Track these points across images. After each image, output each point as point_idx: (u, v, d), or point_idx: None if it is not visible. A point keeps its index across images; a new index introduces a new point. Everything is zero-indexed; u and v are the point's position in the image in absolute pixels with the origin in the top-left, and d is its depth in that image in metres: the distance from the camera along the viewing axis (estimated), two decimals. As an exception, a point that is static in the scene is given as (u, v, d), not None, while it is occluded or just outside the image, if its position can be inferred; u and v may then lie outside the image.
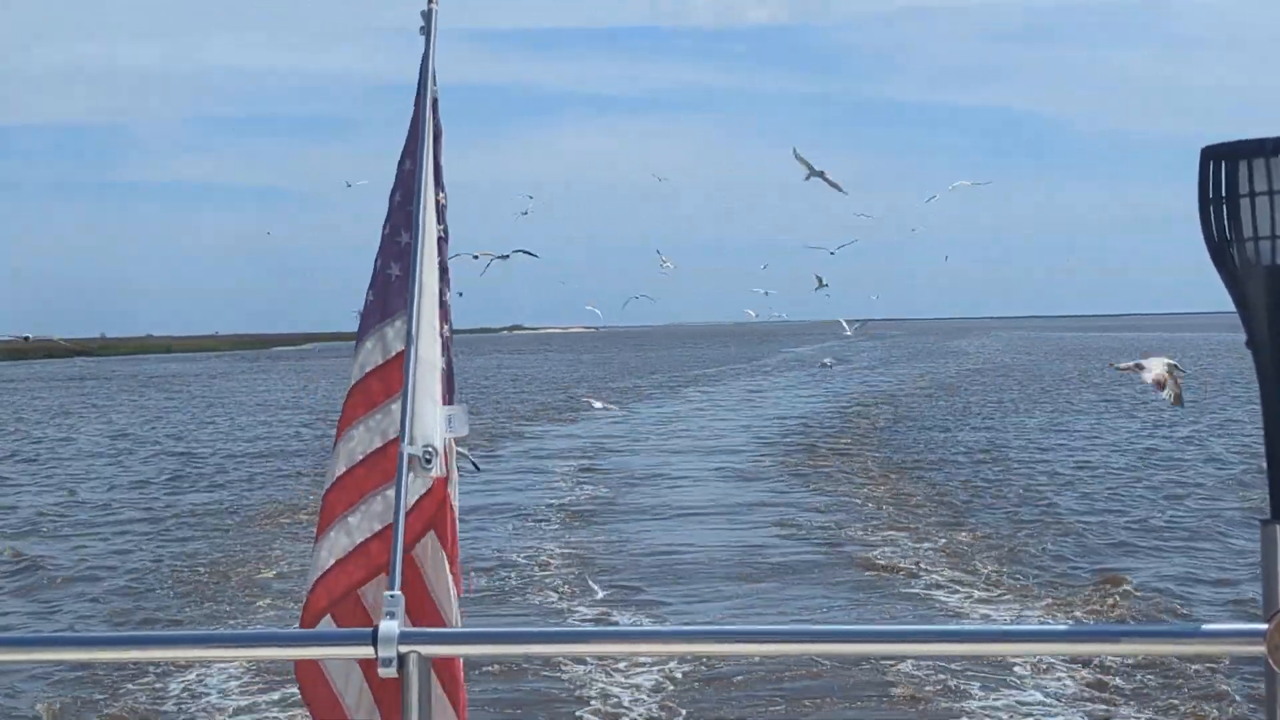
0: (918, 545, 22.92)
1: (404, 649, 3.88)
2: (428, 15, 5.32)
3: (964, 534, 23.98)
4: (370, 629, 3.91)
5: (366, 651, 3.89)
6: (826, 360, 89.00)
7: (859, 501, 28.32)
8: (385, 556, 5.37)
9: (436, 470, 5.18)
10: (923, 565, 21.08)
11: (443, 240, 5.63)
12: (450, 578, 5.59)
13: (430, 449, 5.16)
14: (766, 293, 54.96)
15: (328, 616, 5.34)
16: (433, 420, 5.25)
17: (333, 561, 5.34)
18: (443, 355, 5.54)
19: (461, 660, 5.27)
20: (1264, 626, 3.62)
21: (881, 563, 21.42)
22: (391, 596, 4.13)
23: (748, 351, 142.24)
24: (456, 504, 5.21)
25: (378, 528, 5.45)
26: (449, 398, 5.53)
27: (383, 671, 3.85)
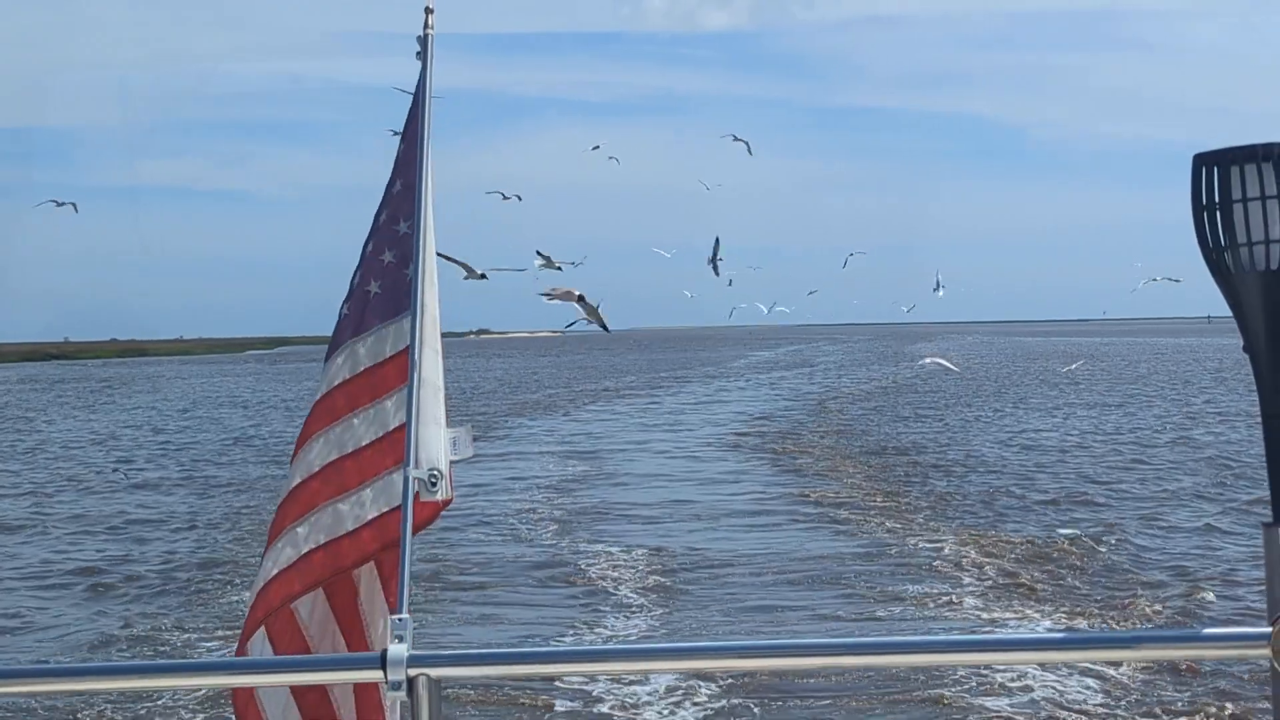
0: (909, 539, 23.36)
1: (413, 672, 3.87)
2: (424, 40, 5.36)
3: (955, 532, 24.49)
4: (379, 653, 3.91)
5: (375, 675, 3.87)
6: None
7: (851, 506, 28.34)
8: (327, 571, 5.38)
9: (442, 493, 5.21)
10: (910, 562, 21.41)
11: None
12: (383, 597, 5.58)
13: (436, 473, 5.17)
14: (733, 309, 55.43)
15: (262, 632, 5.35)
16: (438, 444, 5.28)
17: (275, 572, 5.35)
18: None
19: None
20: (1268, 630, 3.66)
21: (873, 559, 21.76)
22: (399, 620, 4.10)
23: (715, 355, 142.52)
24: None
25: (323, 540, 5.43)
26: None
27: (391, 695, 3.85)
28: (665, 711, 14.39)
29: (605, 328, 19.24)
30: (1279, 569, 4.75)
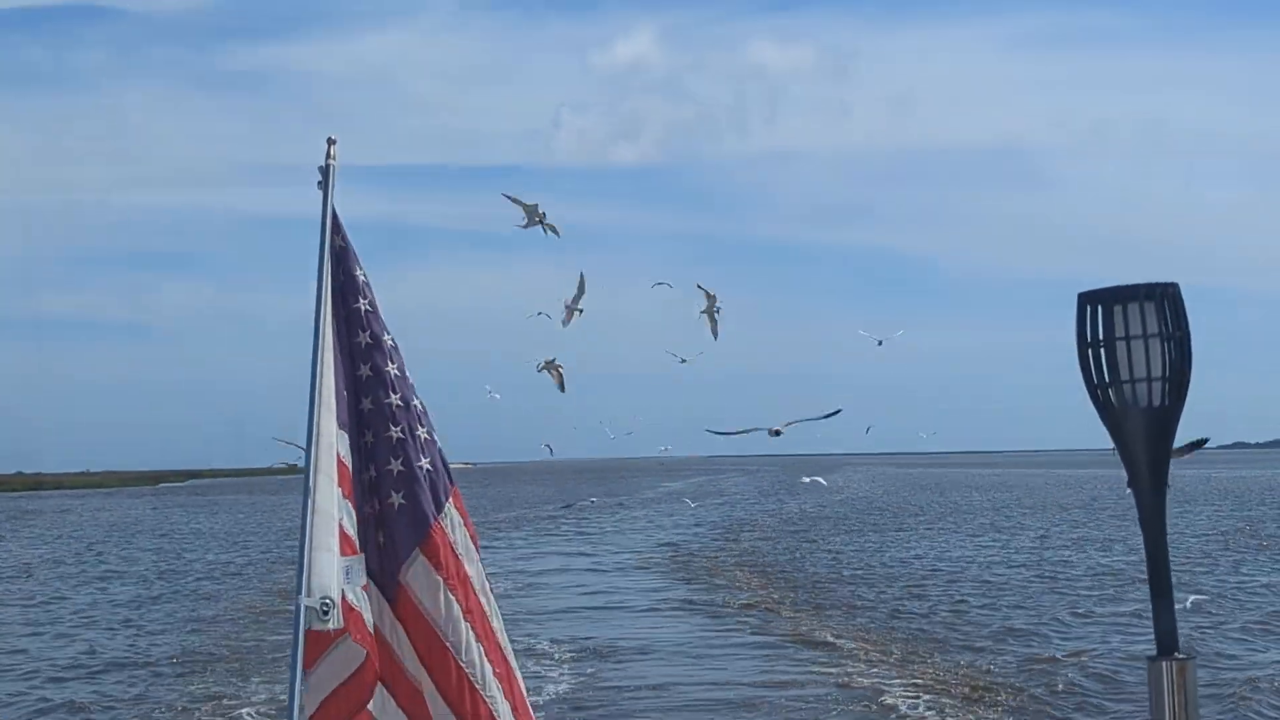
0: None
1: None
2: (325, 170, 5.41)
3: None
4: None
5: None
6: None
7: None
8: None
9: (334, 623, 5.16)
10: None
11: (373, 346, 5.68)
12: None
13: (328, 601, 5.14)
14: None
15: None
16: (330, 571, 5.25)
17: None
18: (369, 498, 5.56)
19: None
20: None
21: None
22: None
23: (627, 485, 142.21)
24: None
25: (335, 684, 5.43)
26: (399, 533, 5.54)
27: None
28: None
29: (562, 388, 21.33)
30: (1163, 702, 4.80)
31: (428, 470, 5.78)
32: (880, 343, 38.77)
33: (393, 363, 5.78)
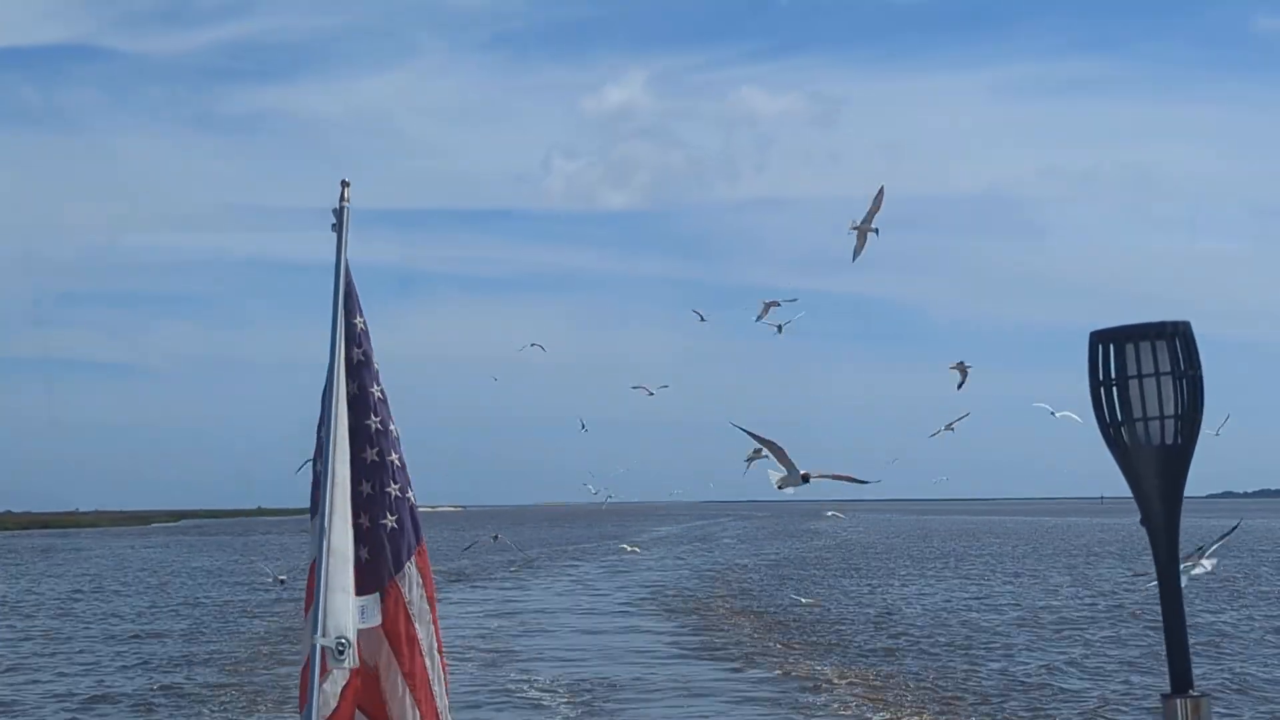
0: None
1: None
2: (339, 212, 5.44)
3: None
4: None
5: None
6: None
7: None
8: None
9: (350, 662, 5.18)
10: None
11: (363, 365, 5.68)
12: None
13: (343, 640, 5.16)
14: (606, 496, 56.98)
15: None
16: (345, 612, 5.27)
17: None
18: (362, 544, 5.58)
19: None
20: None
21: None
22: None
23: (619, 530, 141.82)
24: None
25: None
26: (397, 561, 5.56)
27: None
28: None
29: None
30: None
31: (392, 529, 5.75)
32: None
33: (376, 416, 5.74)
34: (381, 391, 5.75)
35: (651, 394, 39.41)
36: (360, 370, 5.65)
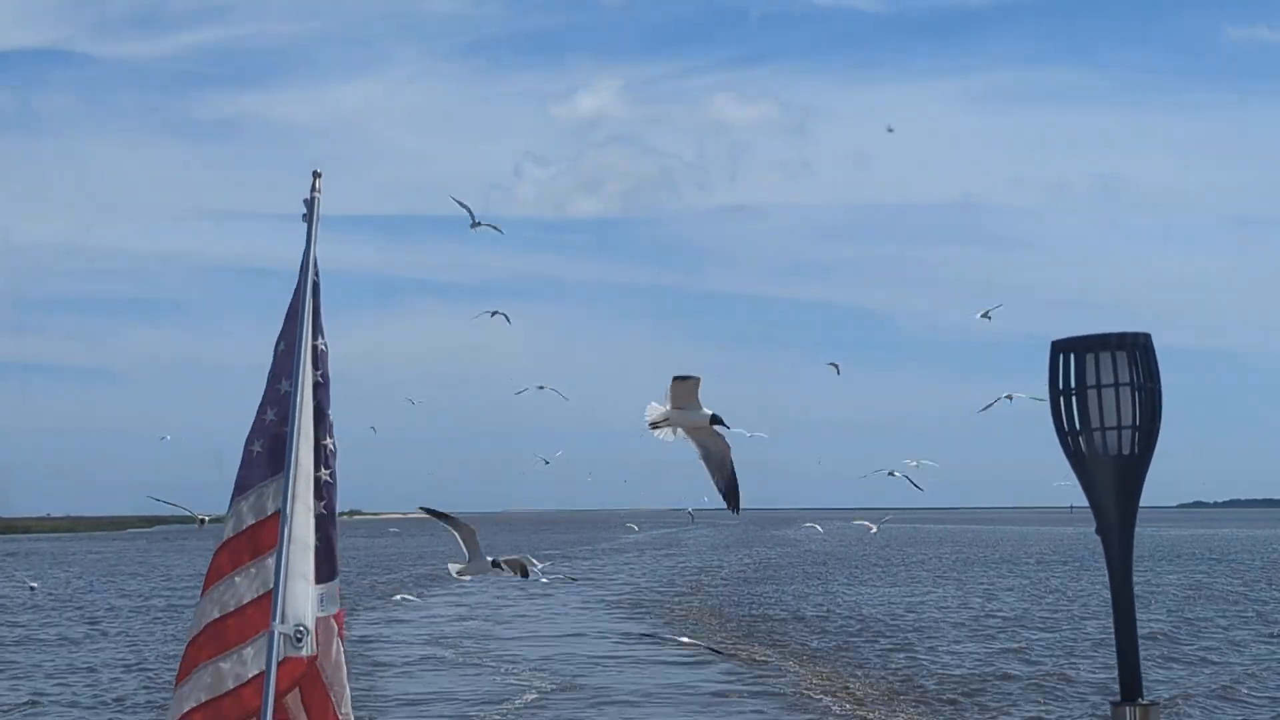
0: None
1: None
2: (310, 203, 5.43)
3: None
4: None
5: None
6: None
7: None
8: None
9: (307, 649, 5.18)
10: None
11: (320, 386, 5.66)
12: None
13: (301, 628, 5.16)
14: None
15: None
16: (305, 600, 5.27)
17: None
18: (317, 531, 5.57)
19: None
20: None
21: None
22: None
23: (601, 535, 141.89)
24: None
25: (204, 698, 5.39)
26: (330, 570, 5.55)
27: None
28: None
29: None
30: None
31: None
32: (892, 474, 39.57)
33: (331, 438, 5.75)
34: (331, 418, 5.73)
35: (548, 463, 42.23)
36: (319, 390, 5.63)
